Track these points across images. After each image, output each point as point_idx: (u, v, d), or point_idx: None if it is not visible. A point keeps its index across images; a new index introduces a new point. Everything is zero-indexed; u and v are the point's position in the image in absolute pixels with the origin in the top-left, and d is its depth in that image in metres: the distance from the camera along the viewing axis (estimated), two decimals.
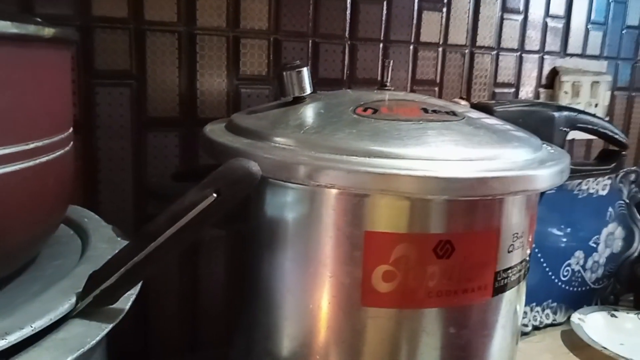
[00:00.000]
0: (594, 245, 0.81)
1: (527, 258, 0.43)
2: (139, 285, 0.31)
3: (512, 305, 0.42)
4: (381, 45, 0.70)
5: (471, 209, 0.37)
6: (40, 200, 0.31)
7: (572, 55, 0.89)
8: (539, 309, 0.77)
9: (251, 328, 0.43)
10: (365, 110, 0.41)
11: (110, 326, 0.28)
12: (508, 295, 0.41)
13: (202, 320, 0.64)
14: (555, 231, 0.77)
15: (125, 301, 0.29)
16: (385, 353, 0.39)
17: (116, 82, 0.55)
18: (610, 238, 0.84)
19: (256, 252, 0.41)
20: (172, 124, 0.59)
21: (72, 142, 0.35)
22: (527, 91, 0.85)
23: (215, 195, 0.27)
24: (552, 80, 0.88)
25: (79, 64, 0.53)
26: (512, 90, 0.84)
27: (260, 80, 0.63)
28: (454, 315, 0.39)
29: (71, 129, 0.35)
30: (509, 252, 0.39)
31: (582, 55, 0.91)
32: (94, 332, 0.27)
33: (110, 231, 0.38)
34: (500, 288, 0.40)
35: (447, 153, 0.37)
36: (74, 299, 0.28)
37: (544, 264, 0.76)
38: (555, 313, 0.78)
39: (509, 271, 0.40)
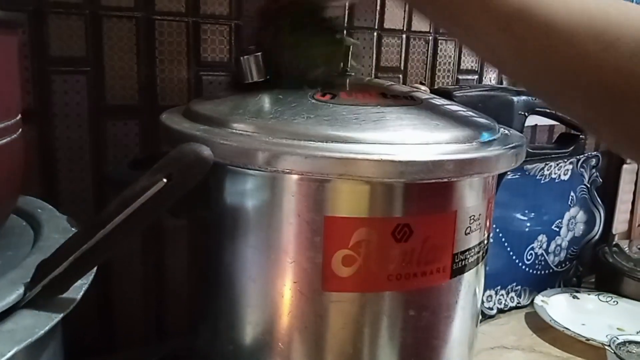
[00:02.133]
0: (557, 229, 0.83)
1: (486, 240, 0.43)
2: (92, 274, 0.30)
3: (471, 287, 0.43)
4: (345, 31, 0.70)
5: (428, 192, 0.37)
6: None
7: None
8: (503, 292, 0.78)
9: (215, 317, 0.43)
10: (324, 95, 0.41)
11: (61, 316, 0.27)
12: (467, 276, 0.41)
13: (167, 309, 0.63)
14: (519, 216, 0.79)
15: (77, 291, 0.29)
16: (347, 337, 0.39)
17: (72, 69, 0.54)
18: (572, 222, 0.86)
19: (218, 241, 0.41)
20: (131, 112, 0.57)
21: (20, 129, 0.34)
22: (490, 77, 0.86)
23: (165, 180, 0.26)
24: None
25: (33, 50, 0.52)
26: (476, 76, 0.85)
27: (222, 66, 0.62)
28: (414, 297, 0.39)
29: (19, 116, 0.34)
30: (466, 234, 0.40)
31: None
32: (43, 322, 0.26)
33: (64, 222, 0.37)
34: (459, 270, 0.40)
35: (404, 137, 0.37)
36: (22, 289, 0.27)
37: (508, 249, 0.77)
38: (519, 296, 0.80)
39: (467, 253, 0.40)
